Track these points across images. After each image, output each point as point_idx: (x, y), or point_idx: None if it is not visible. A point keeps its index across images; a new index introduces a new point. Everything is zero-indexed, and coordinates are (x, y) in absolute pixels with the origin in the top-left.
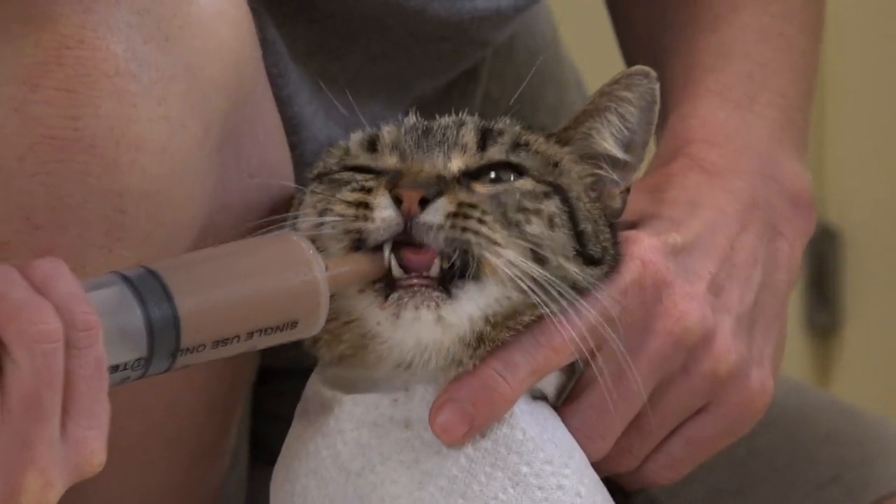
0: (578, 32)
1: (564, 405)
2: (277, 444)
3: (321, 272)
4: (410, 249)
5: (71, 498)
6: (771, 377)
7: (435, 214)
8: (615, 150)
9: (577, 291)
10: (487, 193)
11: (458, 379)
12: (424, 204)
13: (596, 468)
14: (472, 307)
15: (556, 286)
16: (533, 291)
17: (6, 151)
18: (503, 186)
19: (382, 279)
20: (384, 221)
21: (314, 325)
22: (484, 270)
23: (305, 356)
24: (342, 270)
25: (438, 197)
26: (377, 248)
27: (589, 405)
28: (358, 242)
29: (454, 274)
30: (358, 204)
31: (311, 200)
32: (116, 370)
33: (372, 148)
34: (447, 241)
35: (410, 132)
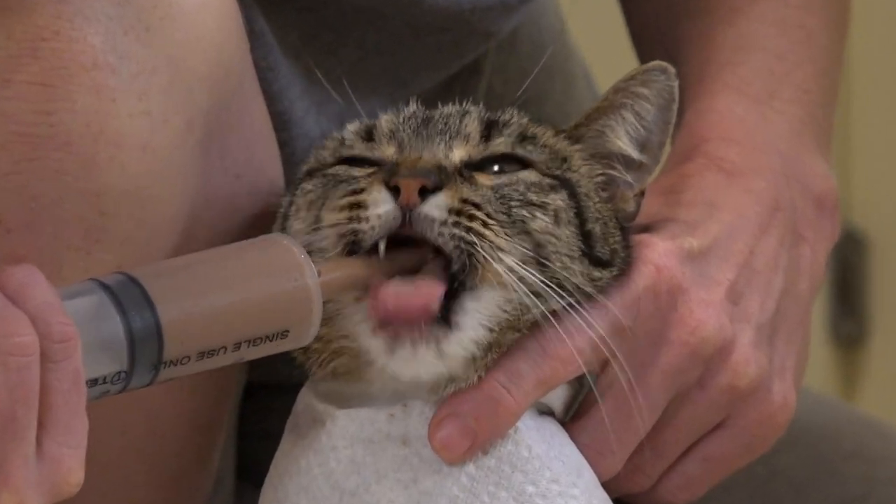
0: (587, 24)
1: (573, 421)
2: (265, 463)
3: (313, 277)
4: (403, 292)
5: None
6: (793, 390)
7: (437, 208)
8: (630, 149)
9: (585, 297)
10: (491, 185)
11: (459, 392)
12: (424, 195)
13: (606, 488)
14: (475, 330)
15: (559, 289)
16: (536, 296)
17: None
18: (506, 178)
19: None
20: (380, 218)
21: (306, 334)
22: (484, 276)
23: (295, 370)
24: (336, 275)
25: (439, 189)
26: (374, 249)
27: (599, 420)
28: (353, 245)
29: (452, 286)
30: (350, 206)
31: (302, 202)
32: (95, 384)
33: (369, 137)
34: (453, 238)
35: (410, 120)
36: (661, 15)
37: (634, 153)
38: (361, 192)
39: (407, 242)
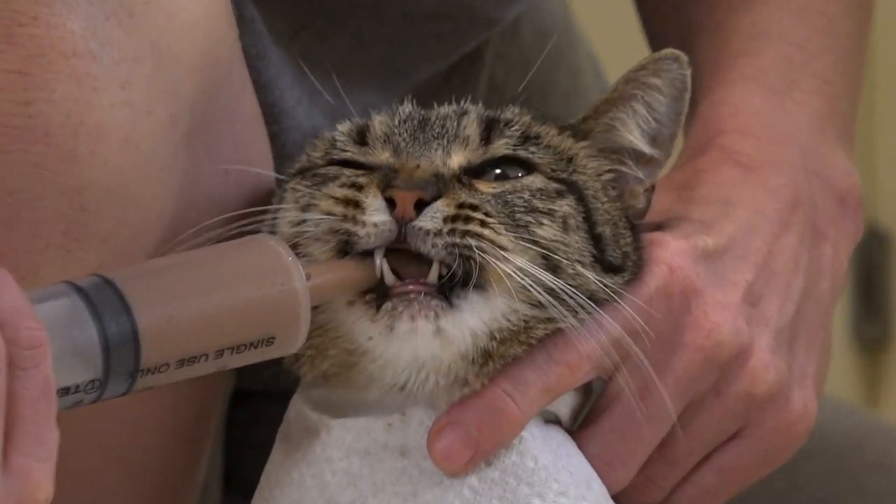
0: (594, 10)
1: (581, 429)
2: (254, 475)
3: (301, 281)
4: (404, 255)
5: None
6: (814, 398)
7: (432, 219)
8: (641, 143)
9: (595, 302)
10: (492, 192)
11: (460, 400)
12: (421, 207)
13: (616, 501)
14: (474, 320)
15: (571, 296)
16: (547, 302)
17: None
18: (510, 184)
19: (373, 289)
20: (376, 227)
21: (294, 341)
22: (489, 279)
23: (284, 376)
24: (326, 279)
25: (437, 199)
26: (366, 253)
27: (609, 429)
28: (345, 246)
29: (455, 282)
30: (347, 201)
31: (292, 197)
32: (67, 393)
33: (361, 140)
34: (447, 247)
35: (405, 123)
36: (674, 2)
37: (646, 147)
38: (360, 189)
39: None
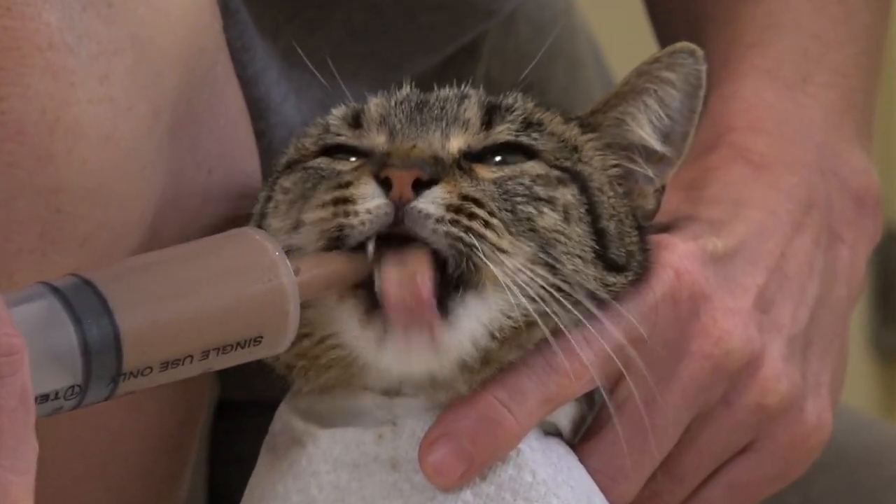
0: (597, 1)
1: (582, 442)
2: (239, 489)
3: (289, 277)
4: (395, 259)
5: None
6: (829, 409)
7: (432, 203)
8: (652, 139)
9: (597, 304)
10: (492, 178)
11: (453, 409)
12: (419, 188)
13: None
14: (474, 325)
15: (570, 295)
16: (543, 301)
17: None
18: (509, 169)
19: (365, 285)
20: (371, 213)
21: (282, 340)
22: (487, 279)
23: (272, 386)
24: (315, 274)
25: (435, 182)
26: (359, 246)
27: (612, 442)
28: (337, 241)
29: (449, 281)
30: (336, 202)
31: (282, 198)
32: (46, 400)
33: (356, 123)
34: (448, 236)
35: (402, 105)
36: None
37: (657, 144)
38: (348, 185)
39: (396, 240)
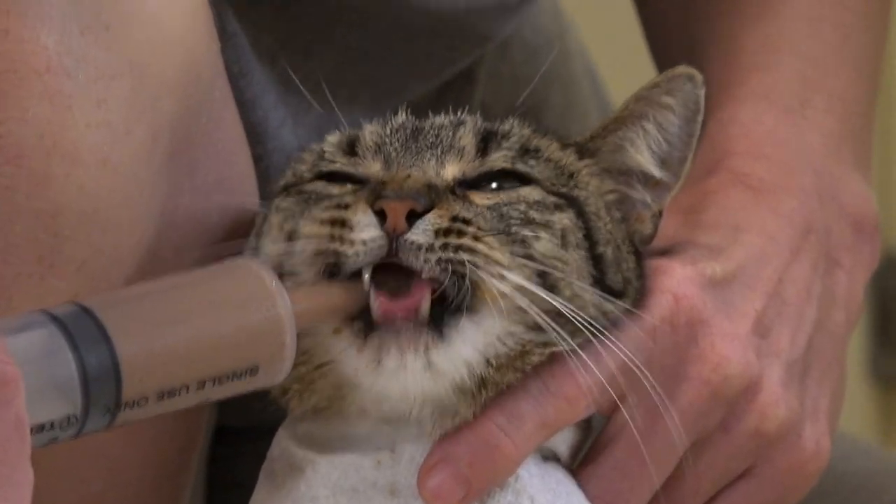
0: (595, 22)
1: (581, 467)
2: None
3: (286, 307)
4: (391, 295)
5: None
6: (827, 435)
7: (424, 232)
8: (650, 165)
9: (595, 330)
10: (487, 205)
11: (451, 434)
12: (413, 219)
13: None
14: (468, 350)
15: (569, 320)
16: (545, 324)
17: None
18: (505, 195)
19: (361, 315)
20: (365, 245)
21: (279, 370)
22: (482, 298)
23: (270, 412)
24: (312, 305)
25: (429, 210)
26: (355, 274)
27: (611, 467)
28: (333, 268)
29: (446, 307)
30: (333, 222)
31: (276, 220)
32: (42, 430)
33: (351, 151)
34: (439, 263)
35: (397, 132)
36: (681, 12)
37: (655, 170)
38: (346, 208)
39: (393, 267)
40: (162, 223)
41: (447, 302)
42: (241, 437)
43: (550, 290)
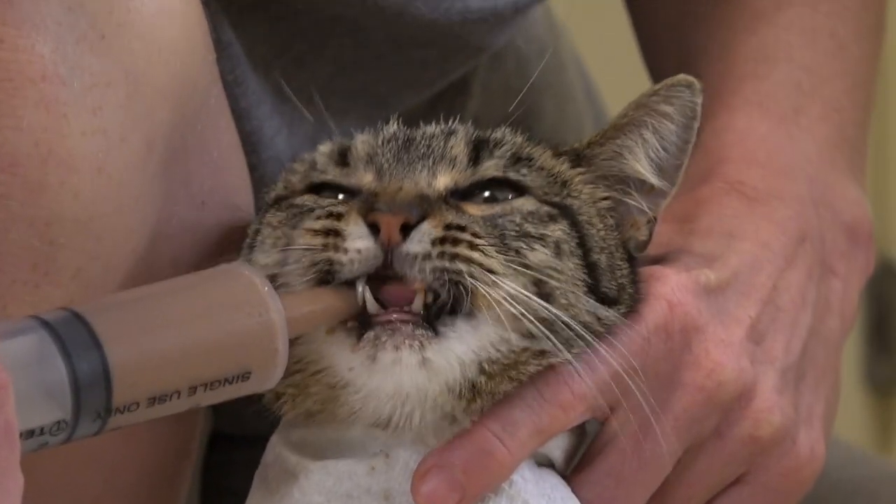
0: (589, 32)
1: (575, 473)
2: None
3: (279, 313)
4: (390, 283)
5: None
6: (822, 441)
7: (419, 242)
8: (648, 172)
9: (589, 337)
10: (480, 215)
11: (446, 441)
12: (407, 230)
13: None
14: (462, 349)
15: (566, 327)
16: (539, 332)
17: None
18: (500, 207)
19: (355, 318)
20: (360, 254)
21: (271, 376)
22: (478, 305)
23: (264, 419)
24: (305, 310)
25: (422, 220)
26: (348, 282)
27: (604, 473)
28: (326, 276)
29: (441, 309)
30: (326, 232)
31: (268, 234)
32: (32, 435)
33: (343, 161)
34: (434, 272)
35: (389, 143)
36: (675, 21)
37: (652, 177)
38: (339, 218)
39: (388, 276)
40: (157, 231)
41: (441, 303)
42: (235, 443)
43: (545, 298)
